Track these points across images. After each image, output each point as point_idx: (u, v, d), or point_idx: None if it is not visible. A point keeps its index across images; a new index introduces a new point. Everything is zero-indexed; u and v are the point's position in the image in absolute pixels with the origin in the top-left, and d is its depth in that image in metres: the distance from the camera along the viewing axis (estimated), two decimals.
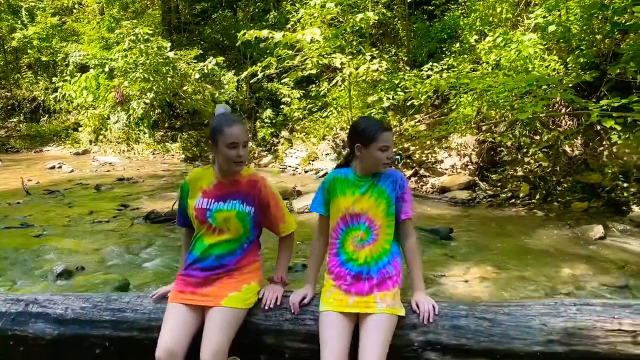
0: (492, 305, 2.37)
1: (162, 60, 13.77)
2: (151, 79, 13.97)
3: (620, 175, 8.08)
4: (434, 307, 2.34)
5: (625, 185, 7.97)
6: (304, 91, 13.92)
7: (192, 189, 2.66)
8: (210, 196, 2.59)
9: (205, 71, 13.83)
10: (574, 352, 2.20)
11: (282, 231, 2.67)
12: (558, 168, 8.81)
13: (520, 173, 9.26)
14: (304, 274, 5.15)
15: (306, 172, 12.33)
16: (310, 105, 13.60)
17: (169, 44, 14.23)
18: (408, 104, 10.39)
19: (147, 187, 10.48)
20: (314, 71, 10.96)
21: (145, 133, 15.97)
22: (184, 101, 14.64)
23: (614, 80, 8.29)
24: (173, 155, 15.18)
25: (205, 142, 14.79)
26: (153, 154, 15.46)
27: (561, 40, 8.99)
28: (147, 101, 14.72)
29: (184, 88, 14.20)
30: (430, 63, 10.75)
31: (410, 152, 10.86)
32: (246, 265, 2.61)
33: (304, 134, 13.70)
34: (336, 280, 2.47)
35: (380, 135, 2.40)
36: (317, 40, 9.79)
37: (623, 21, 8.40)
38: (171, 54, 13.88)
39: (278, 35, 9.32)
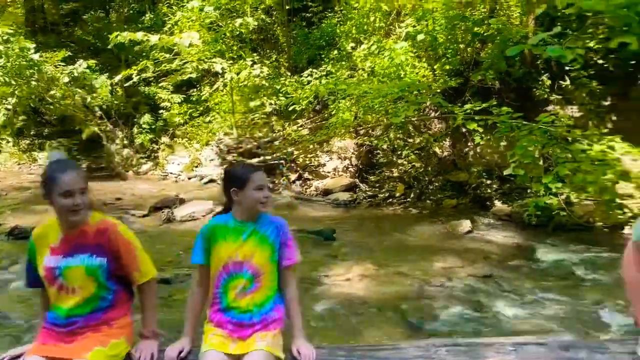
0: (369, 350, 2.41)
1: (25, 62, 12.64)
2: (13, 82, 12.79)
3: (484, 174, 8.82)
4: (313, 354, 2.32)
5: (488, 182, 8.72)
6: (184, 96, 13.53)
7: (39, 247, 2.41)
8: (58, 253, 2.36)
9: (75, 74, 12.92)
10: None
11: (136, 279, 2.45)
12: (430, 168, 9.41)
13: (396, 174, 9.75)
14: (183, 286, 5.01)
15: (190, 178, 11.99)
16: (191, 110, 13.27)
17: (34, 45, 13.13)
18: (290, 109, 10.52)
19: (10, 200, 9.58)
20: (194, 75, 10.74)
21: (8, 142, 14.60)
22: (52, 107, 13.57)
23: (476, 86, 9.04)
24: (41, 165, 14.01)
25: (78, 149, 13.88)
26: (18, 164, 14.19)
27: (429, 49, 9.62)
28: (9, 107, 13.45)
29: (52, 92, 13.15)
30: (310, 69, 10.98)
31: (294, 156, 11.00)
32: (115, 319, 2.42)
33: (186, 139, 13.32)
34: (217, 327, 2.40)
35: (252, 175, 2.39)
36: (195, 44, 9.60)
37: (482, 32, 9.21)
38: (36, 56, 12.78)
39: (154, 38, 9.02)
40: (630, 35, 4.32)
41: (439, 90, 8.98)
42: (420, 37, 9.09)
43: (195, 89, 13.18)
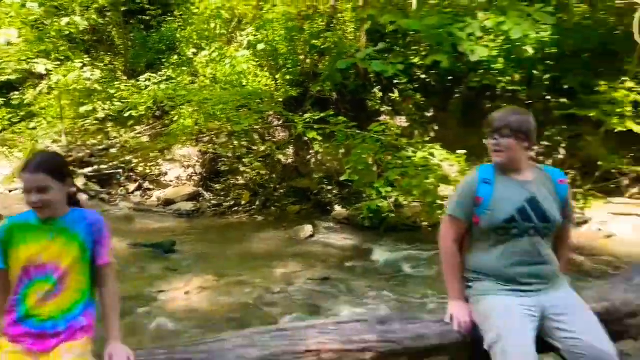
0: (191, 345, 2.32)
1: None
2: None
3: (324, 180, 9.18)
4: (128, 358, 2.11)
5: (329, 188, 9.09)
6: (4, 99, 12.13)
7: None
8: None
9: None
10: None
11: None
12: (275, 175, 9.54)
13: (241, 181, 9.72)
14: None
15: (10, 191, 10.74)
16: (11, 115, 11.93)
17: None
18: (127, 114, 9.96)
19: None
20: (13, 77, 9.67)
21: None
22: None
23: (315, 97, 9.40)
24: None
25: None
26: None
27: (270, 58, 9.79)
28: None
29: None
30: (148, 74, 10.53)
31: (133, 164, 10.42)
32: None
33: (6, 147, 11.92)
34: (13, 343, 2.09)
35: (21, 175, 2.12)
36: (14, 43, 8.67)
37: (320, 44, 9.60)
38: None
39: None
40: (441, 54, 4.81)
41: (281, 100, 9.18)
42: (260, 46, 9.22)
43: (17, 92, 11.89)
